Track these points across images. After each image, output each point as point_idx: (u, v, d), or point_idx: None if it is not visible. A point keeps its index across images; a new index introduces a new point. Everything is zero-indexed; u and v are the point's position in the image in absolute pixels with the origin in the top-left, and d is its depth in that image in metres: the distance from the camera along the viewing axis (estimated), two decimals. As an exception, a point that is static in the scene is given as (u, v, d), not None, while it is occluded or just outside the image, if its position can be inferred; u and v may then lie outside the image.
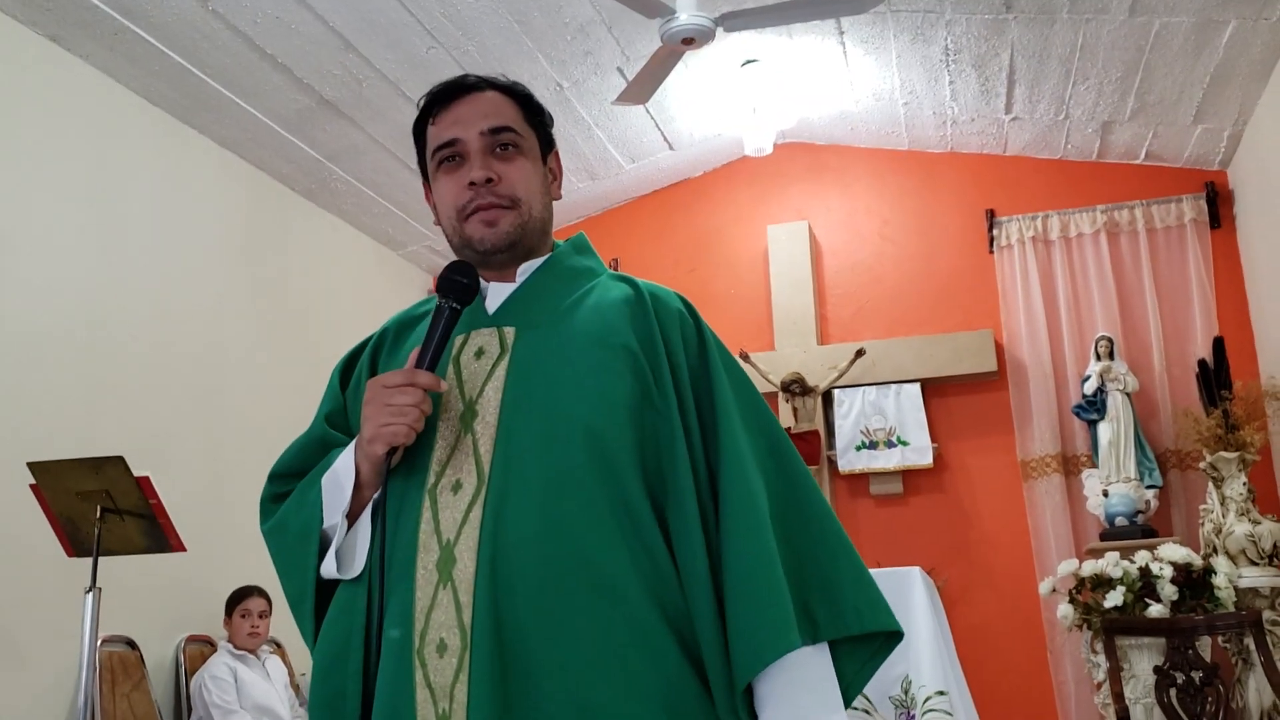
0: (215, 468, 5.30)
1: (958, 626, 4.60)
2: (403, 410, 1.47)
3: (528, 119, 1.66)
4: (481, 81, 1.66)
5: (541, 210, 1.64)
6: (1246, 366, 6.00)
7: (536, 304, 1.62)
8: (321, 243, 6.43)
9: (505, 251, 1.61)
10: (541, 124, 1.69)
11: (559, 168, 1.73)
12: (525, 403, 1.51)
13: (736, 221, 7.18)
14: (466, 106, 1.62)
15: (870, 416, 6.51)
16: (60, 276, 4.56)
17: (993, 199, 6.72)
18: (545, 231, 1.67)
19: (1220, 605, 5.13)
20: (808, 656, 1.46)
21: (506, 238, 1.60)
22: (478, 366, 1.56)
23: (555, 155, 1.73)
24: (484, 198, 1.59)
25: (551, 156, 1.71)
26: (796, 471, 1.59)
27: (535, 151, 1.66)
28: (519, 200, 1.60)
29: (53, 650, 4.20)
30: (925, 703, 2.78)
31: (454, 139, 1.61)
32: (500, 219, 1.59)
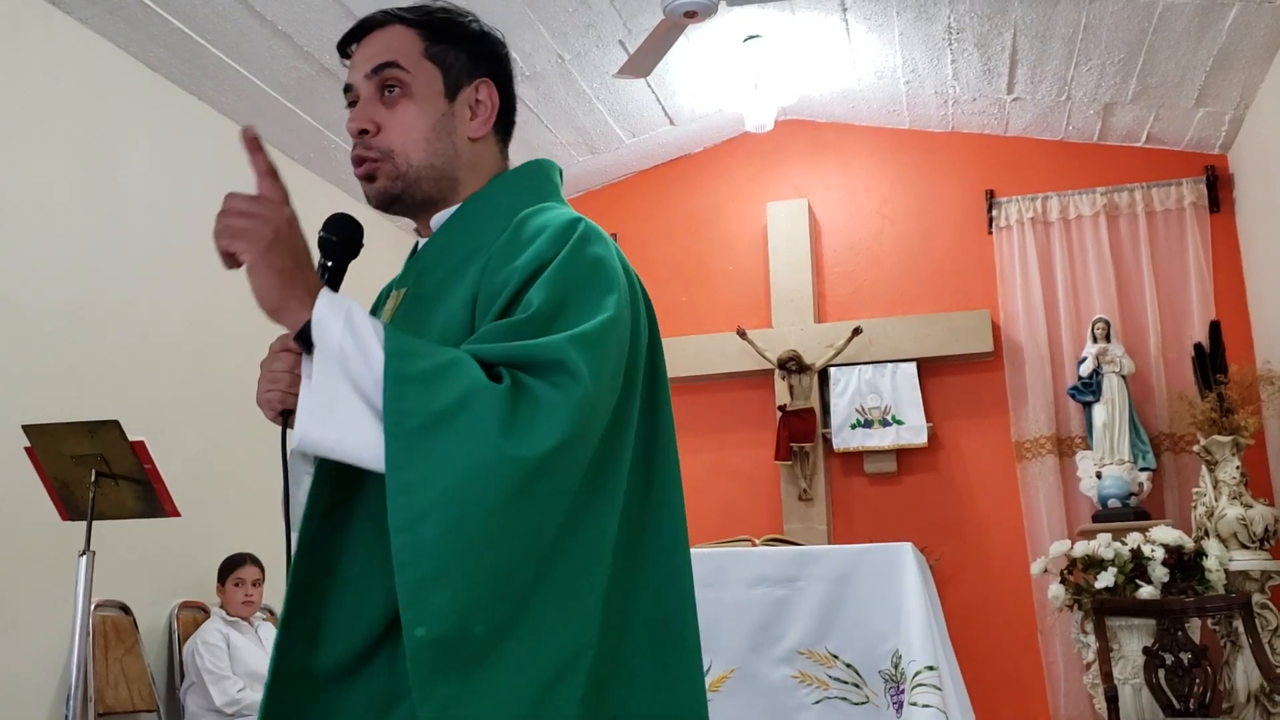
0: (210, 435, 5.30)
1: (949, 605, 4.61)
2: (275, 377, 1.42)
3: (429, 51, 1.52)
4: (387, 15, 1.53)
5: (428, 156, 1.50)
6: (1242, 351, 6.01)
7: (430, 260, 1.52)
8: (319, 211, 6.38)
9: (390, 208, 1.53)
10: (454, 54, 1.53)
11: (489, 98, 1.56)
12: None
13: (736, 198, 7.17)
14: (363, 48, 1.53)
15: (866, 395, 6.51)
16: (56, 242, 4.55)
17: (993, 179, 6.71)
18: (448, 177, 1.53)
19: (1210, 588, 5.16)
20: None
21: (380, 193, 1.52)
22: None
23: (481, 84, 1.56)
24: (357, 149, 1.51)
25: (471, 88, 1.55)
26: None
27: (431, 89, 1.51)
28: (392, 152, 1.49)
29: (46, 614, 4.22)
30: (915, 677, 2.79)
31: (348, 84, 1.53)
32: (376, 172, 1.51)
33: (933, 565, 5.50)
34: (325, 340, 1.26)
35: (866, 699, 2.92)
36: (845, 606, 2.96)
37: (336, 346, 1.25)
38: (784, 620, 3.01)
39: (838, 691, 2.94)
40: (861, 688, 2.92)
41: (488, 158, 1.59)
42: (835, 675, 2.94)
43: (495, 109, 1.58)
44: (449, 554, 1.18)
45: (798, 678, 2.97)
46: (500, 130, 1.62)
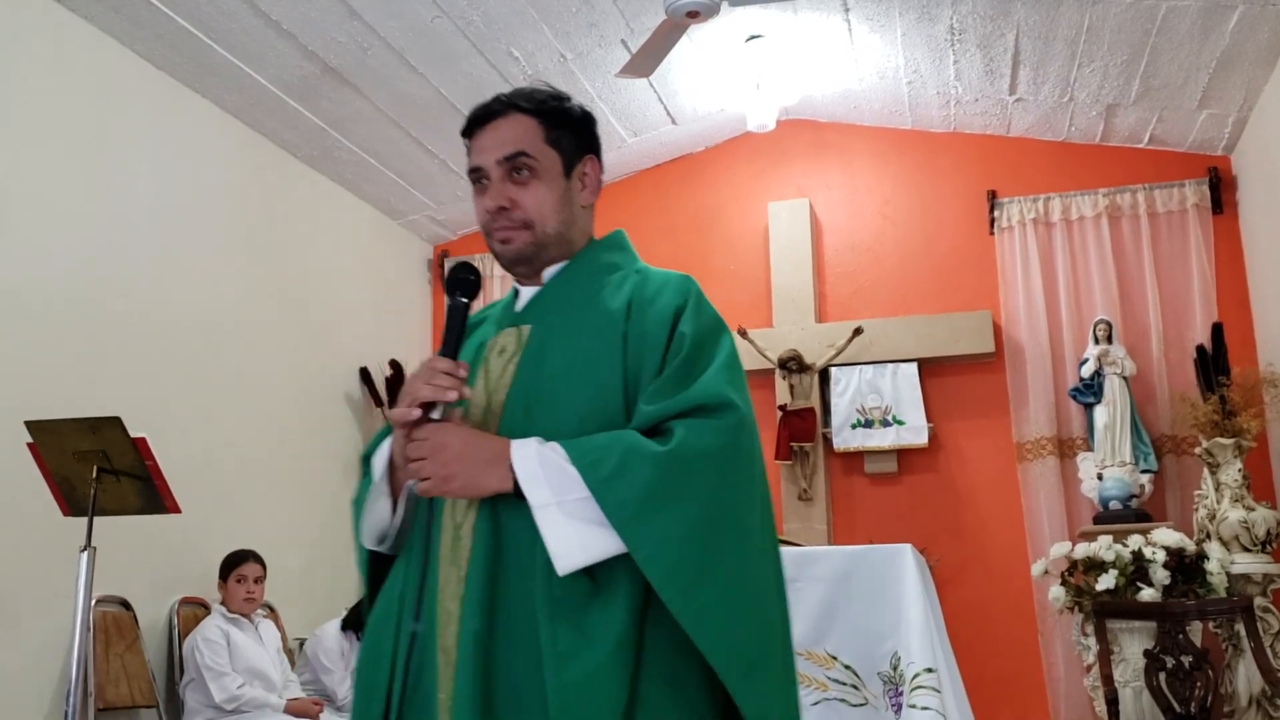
0: (211, 432, 5.31)
1: (949, 606, 4.61)
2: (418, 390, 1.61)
3: (548, 138, 1.78)
4: (508, 104, 1.79)
5: (559, 225, 1.78)
6: (1245, 353, 6.00)
7: (555, 303, 1.78)
8: (322, 210, 6.42)
9: (523, 265, 1.80)
10: (567, 137, 1.79)
11: (594, 172, 1.84)
12: (529, 396, 1.66)
13: (737, 198, 7.17)
14: (489, 134, 1.78)
15: (866, 395, 6.51)
16: (60, 238, 4.55)
17: (995, 180, 6.71)
18: (567, 239, 1.80)
19: (1212, 591, 5.15)
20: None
21: (519, 254, 1.78)
22: (499, 364, 1.72)
23: (588, 161, 1.83)
24: (499, 221, 1.76)
25: (581, 165, 1.82)
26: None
27: (554, 169, 1.78)
28: (531, 223, 1.76)
29: (47, 609, 4.23)
30: (913, 679, 2.80)
31: (477, 166, 1.79)
32: (513, 238, 1.76)
33: (933, 566, 5.49)
34: (539, 498, 1.53)
35: (865, 700, 2.92)
36: (844, 607, 2.96)
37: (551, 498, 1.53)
38: (783, 620, 3.01)
39: (836, 693, 2.94)
40: (860, 689, 2.92)
41: (588, 221, 1.89)
42: (834, 676, 2.93)
43: (598, 180, 1.86)
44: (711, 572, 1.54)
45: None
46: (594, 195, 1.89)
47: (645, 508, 1.50)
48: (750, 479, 1.59)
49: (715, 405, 1.57)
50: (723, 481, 1.54)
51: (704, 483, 1.53)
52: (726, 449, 1.55)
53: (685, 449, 1.53)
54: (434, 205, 7.09)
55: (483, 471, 1.57)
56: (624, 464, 1.52)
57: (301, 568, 5.87)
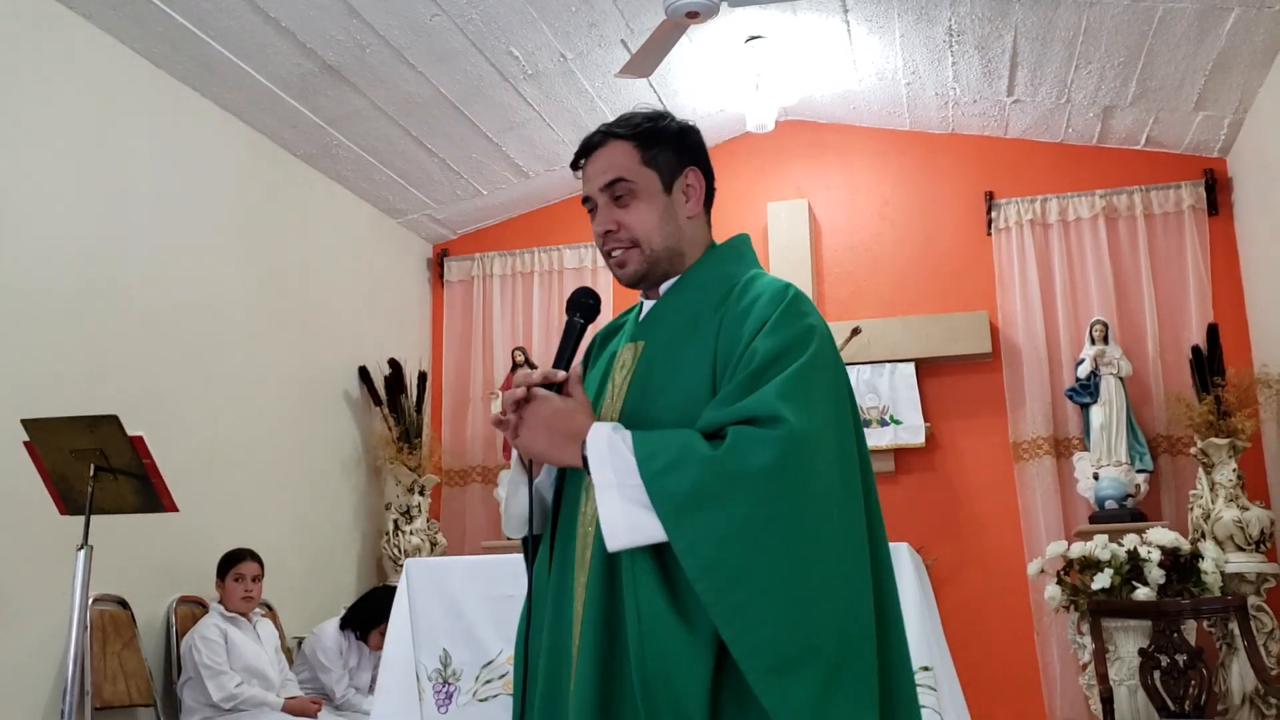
0: (210, 430, 5.32)
1: (946, 605, 4.63)
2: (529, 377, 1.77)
3: (644, 158, 1.88)
4: (606, 133, 1.91)
5: (664, 239, 1.88)
6: (1240, 354, 6.02)
7: (666, 318, 1.87)
8: (321, 208, 6.43)
9: (638, 283, 1.91)
10: (664, 154, 1.88)
11: (697, 183, 1.92)
12: (637, 413, 1.77)
13: (737, 198, 7.17)
14: (592, 164, 1.92)
15: (864, 395, 6.53)
16: (60, 237, 4.56)
17: (992, 181, 6.72)
18: (678, 252, 1.90)
19: (1206, 590, 5.18)
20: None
21: (634, 274, 1.89)
22: (620, 378, 1.84)
23: (689, 173, 1.91)
24: (609, 244, 1.89)
25: (682, 178, 1.90)
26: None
27: (654, 188, 1.88)
28: (638, 240, 1.87)
29: (44, 607, 4.23)
30: (909, 677, 2.80)
31: (586, 196, 1.93)
32: (626, 259, 1.88)
33: (929, 565, 5.50)
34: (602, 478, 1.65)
35: (860, 698, 2.93)
36: (840, 606, 2.97)
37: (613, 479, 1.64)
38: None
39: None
40: (855, 687, 2.93)
41: (701, 230, 1.95)
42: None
43: (703, 189, 1.93)
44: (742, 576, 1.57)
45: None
46: (708, 204, 1.96)
47: (688, 504, 1.58)
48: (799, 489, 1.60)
49: (766, 418, 1.60)
50: (767, 491, 1.58)
51: (746, 489, 1.58)
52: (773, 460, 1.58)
53: (731, 455, 1.59)
54: (433, 204, 7.10)
55: (561, 444, 1.71)
56: (677, 460, 1.60)
57: (300, 567, 5.88)
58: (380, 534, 6.62)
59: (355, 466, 6.60)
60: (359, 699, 5.21)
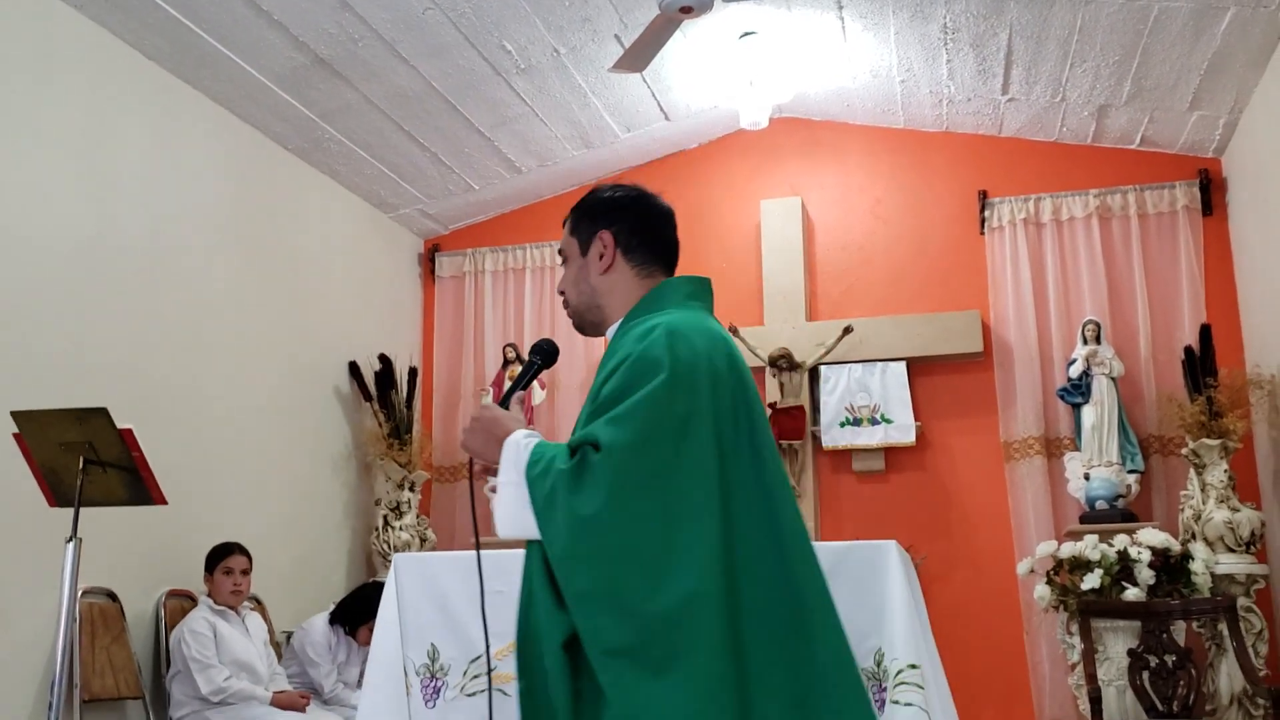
0: (199, 424, 5.30)
1: (935, 604, 4.63)
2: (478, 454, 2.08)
3: (571, 229, 2.24)
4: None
5: (578, 296, 2.22)
6: (1232, 355, 6.02)
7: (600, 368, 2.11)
8: (312, 202, 6.41)
9: (580, 330, 2.27)
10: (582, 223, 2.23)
11: (606, 242, 2.19)
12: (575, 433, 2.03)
13: (730, 195, 7.17)
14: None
15: (855, 394, 6.53)
16: (50, 228, 4.54)
17: (986, 180, 6.72)
18: (595, 305, 2.21)
19: (1196, 591, 5.18)
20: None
21: (573, 322, 2.26)
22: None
23: (601, 235, 2.20)
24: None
25: (596, 241, 2.20)
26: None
27: (575, 252, 2.22)
28: (566, 298, 2.24)
29: (33, 600, 4.22)
30: (897, 675, 2.80)
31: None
32: (567, 311, 2.26)
33: (919, 564, 5.50)
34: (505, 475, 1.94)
35: (849, 696, 2.92)
36: (829, 604, 2.96)
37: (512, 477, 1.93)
38: (768, 617, 3.01)
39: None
40: (844, 685, 2.93)
41: (618, 282, 2.21)
42: (817, 672, 2.94)
43: (613, 248, 2.20)
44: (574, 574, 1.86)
45: (779, 674, 2.98)
46: (638, 257, 2.22)
47: (546, 506, 1.87)
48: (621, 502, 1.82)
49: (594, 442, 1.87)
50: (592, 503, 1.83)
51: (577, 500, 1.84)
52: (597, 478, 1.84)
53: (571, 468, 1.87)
54: (425, 199, 7.08)
55: (490, 444, 2.01)
56: (545, 470, 1.89)
57: (289, 562, 5.86)
58: (370, 529, 6.61)
59: (345, 462, 6.58)
60: (347, 694, 5.20)
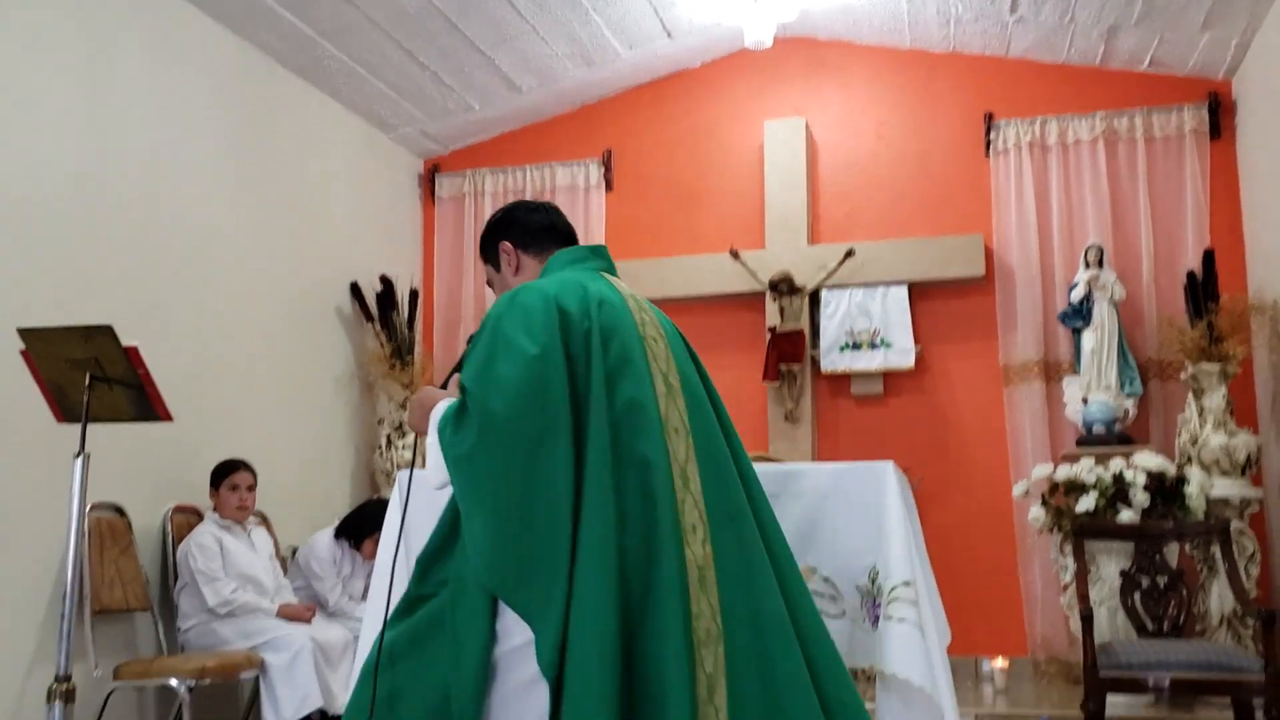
0: (203, 342, 5.33)
1: (931, 525, 4.68)
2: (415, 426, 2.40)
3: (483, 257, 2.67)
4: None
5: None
6: (1235, 280, 6.02)
7: None
8: (312, 121, 6.37)
9: None
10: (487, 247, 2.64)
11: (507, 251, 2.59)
12: None
13: (733, 116, 7.11)
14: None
15: (856, 317, 6.53)
16: (50, 148, 4.52)
17: (992, 102, 6.66)
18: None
19: (1190, 514, 5.24)
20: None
21: None
22: None
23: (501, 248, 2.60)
24: None
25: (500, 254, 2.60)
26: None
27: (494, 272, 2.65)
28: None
29: (42, 514, 4.28)
30: (891, 592, 2.84)
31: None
32: None
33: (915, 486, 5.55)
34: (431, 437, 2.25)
35: (843, 612, 2.98)
36: (825, 523, 3.00)
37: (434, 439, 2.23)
38: (764, 534, 3.05)
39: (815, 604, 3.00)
40: (838, 601, 2.98)
41: (531, 274, 2.56)
42: (813, 588, 2.99)
43: (515, 253, 2.60)
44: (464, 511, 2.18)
45: (776, 589, 3.03)
46: (534, 249, 2.60)
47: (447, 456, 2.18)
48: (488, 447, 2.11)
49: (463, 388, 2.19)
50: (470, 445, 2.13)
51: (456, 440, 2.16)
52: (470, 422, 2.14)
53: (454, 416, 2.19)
54: (425, 118, 7.02)
55: (422, 420, 2.32)
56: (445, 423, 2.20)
57: (293, 479, 5.92)
58: (373, 448, 6.67)
59: (348, 382, 6.62)
60: (352, 606, 5.29)
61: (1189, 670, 4.25)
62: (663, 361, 2.36)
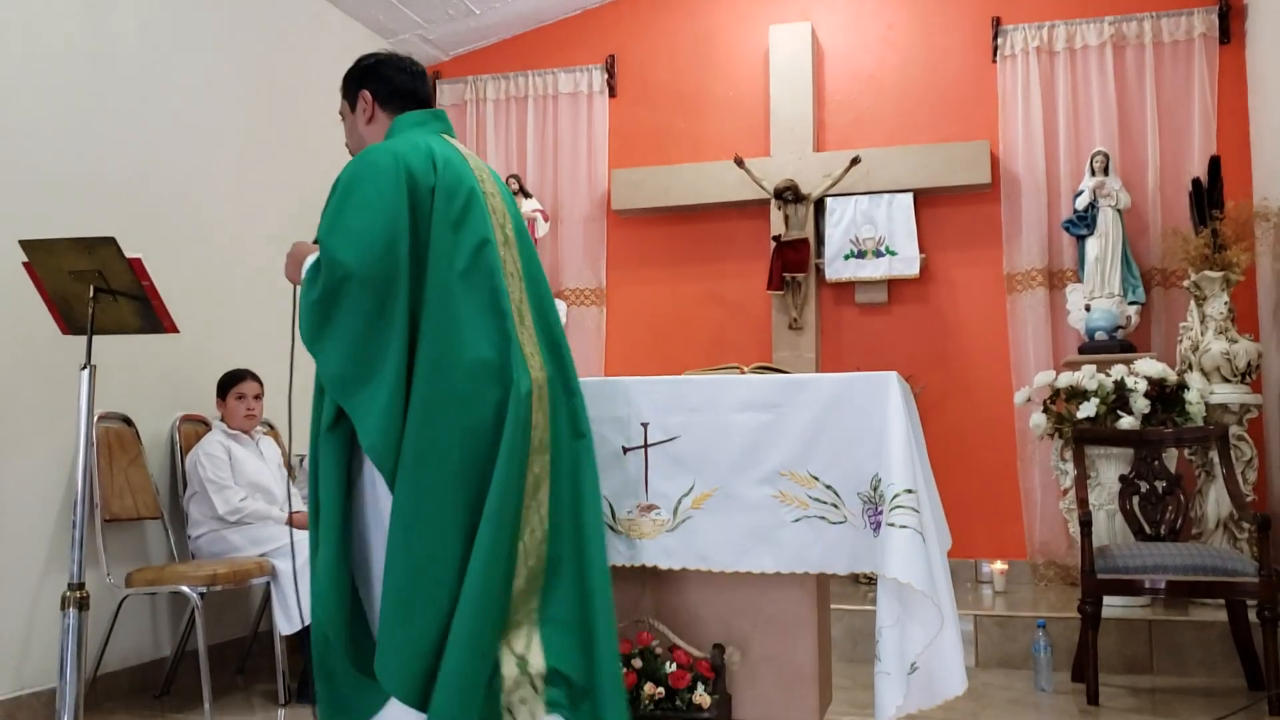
0: (204, 252, 5.32)
1: (932, 431, 4.73)
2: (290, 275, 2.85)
3: (343, 94, 2.99)
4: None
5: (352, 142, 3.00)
6: (1241, 187, 5.98)
7: None
8: (311, 27, 6.27)
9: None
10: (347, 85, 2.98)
11: (366, 101, 2.93)
12: None
13: (739, 20, 7.00)
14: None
15: (861, 225, 6.51)
16: (47, 59, 4.46)
17: (1000, 6, 6.55)
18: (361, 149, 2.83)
19: (1190, 420, 5.28)
20: None
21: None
22: None
23: (361, 95, 2.93)
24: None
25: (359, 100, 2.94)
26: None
27: (347, 109, 3.00)
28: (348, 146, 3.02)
29: (51, 425, 4.32)
30: (893, 499, 2.88)
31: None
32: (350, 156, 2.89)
33: (918, 393, 5.59)
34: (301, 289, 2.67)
35: (845, 519, 3.02)
36: (828, 432, 3.02)
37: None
38: (767, 444, 3.07)
39: (816, 511, 3.04)
40: (840, 508, 3.02)
41: (380, 129, 2.90)
42: (815, 496, 3.03)
43: (373, 105, 2.92)
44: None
45: (778, 497, 3.07)
46: (392, 107, 2.91)
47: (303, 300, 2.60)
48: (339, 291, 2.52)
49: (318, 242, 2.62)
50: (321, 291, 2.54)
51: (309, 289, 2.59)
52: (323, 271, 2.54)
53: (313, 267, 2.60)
54: (425, 24, 6.92)
55: (296, 271, 2.69)
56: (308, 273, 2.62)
57: (300, 388, 5.94)
58: (378, 358, 6.68)
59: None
60: (361, 516, 5.35)
61: (1185, 573, 4.33)
62: (500, 215, 2.76)
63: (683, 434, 3.17)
